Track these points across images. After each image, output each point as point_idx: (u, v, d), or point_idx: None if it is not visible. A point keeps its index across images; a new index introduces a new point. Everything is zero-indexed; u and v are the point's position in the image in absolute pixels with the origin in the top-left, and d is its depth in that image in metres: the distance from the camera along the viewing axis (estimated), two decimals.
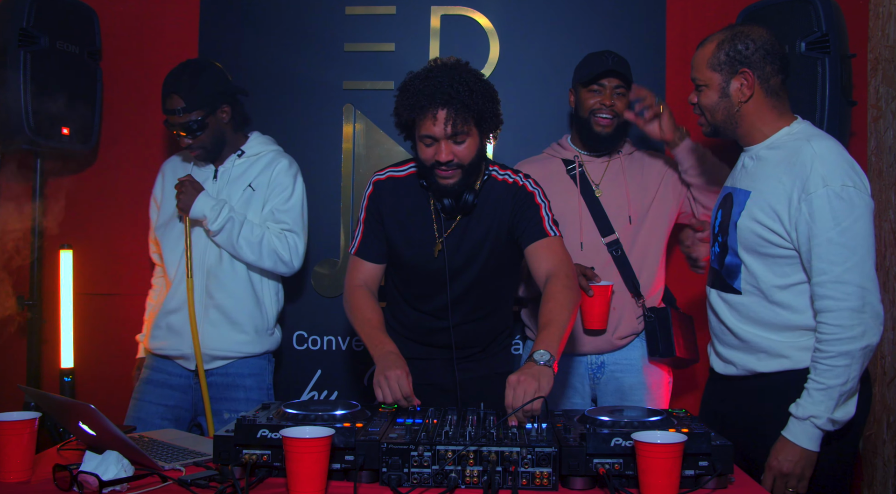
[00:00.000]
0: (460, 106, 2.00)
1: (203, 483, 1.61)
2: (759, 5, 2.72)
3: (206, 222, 2.54)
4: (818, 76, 2.55)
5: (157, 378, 2.65)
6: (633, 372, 2.57)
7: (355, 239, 2.28)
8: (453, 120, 2.00)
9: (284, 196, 2.64)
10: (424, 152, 2.08)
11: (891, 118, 2.87)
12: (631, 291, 2.55)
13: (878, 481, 2.91)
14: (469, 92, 2.01)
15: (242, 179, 2.64)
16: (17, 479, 1.65)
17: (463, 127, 2.02)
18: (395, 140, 3.11)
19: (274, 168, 2.65)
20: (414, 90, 2.03)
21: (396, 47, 3.12)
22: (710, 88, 2.00)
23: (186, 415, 2.66)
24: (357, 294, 2.23)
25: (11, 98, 2.76)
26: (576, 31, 3.05)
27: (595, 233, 2.56)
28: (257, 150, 2.70)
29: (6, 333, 3.20)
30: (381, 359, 2.04)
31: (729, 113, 2.00)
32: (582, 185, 2.59)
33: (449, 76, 2.01)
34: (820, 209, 1.82)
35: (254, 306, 2.65)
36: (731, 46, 1.96)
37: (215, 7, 3.17)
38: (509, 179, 2.21)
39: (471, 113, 2.02)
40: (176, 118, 2.52)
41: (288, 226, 2.62)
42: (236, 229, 2.54)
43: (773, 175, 1.93)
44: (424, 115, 2.02)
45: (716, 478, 1.58)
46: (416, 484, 1.58)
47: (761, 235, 1.93)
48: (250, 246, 2.55)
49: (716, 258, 2.10)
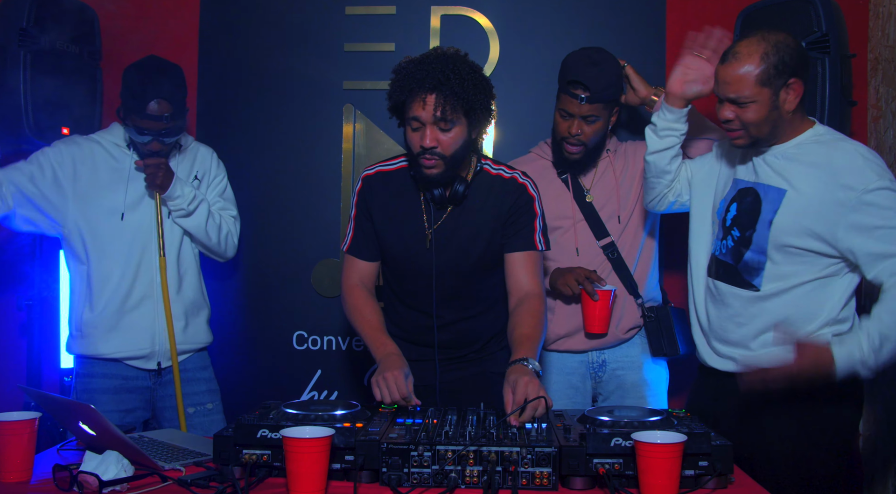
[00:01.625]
0: (450, 92, 1.98)
1: (203, 483, 1.61)
2: (759, 5, 2.72)
3: (180, 201, 2.53)
4: (818, 76, 2.54)
5: (112, 385, 2.56)
6: (634, 369, 2.57)
7: (347, 236, 2.27)
8: (442, 106, 1.98)
9: (224, 184, 2.75)
10: (412, 138, 2.08)
11: (891, 118, 2.87)
12: (629, 291, 2.55)
13: (877, 481, 2.91)
14: (460, 80, 1.99)
15: (187, 172, 2.66)
16: (17, 479, 1.65)
17: (451, 115, 2.00)
18: (395, 140, 3.11)
19: (210, 158, 2.73)
20: (406, 73, 2.03)
21: (396, 47, 3.11)
22: (759, 102, 1.94)
23: (143, 415, 2.63)
24: (354, 294, 2.22)
25: (11, 98, 2.75)
26: (576, 31, 3.05)
27: (590, 237, 2.55)
28: (188, 142, 2.73)
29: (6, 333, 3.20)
30: (382, 360, 2.04)
31: (777, 124, 1.99)
32: (574, 190, 2.58)
33: (442, 63, 2.00)
34: (874, 205, 1.87)
35: (201, 295, 2.71)
36: (777, 58, 1.92)
37: (215, 7, 3.17)
38: (505, 174, 2.18)
39: (460, 101, 1.99)
40: (160, 124, 2.45)
41: (233, 213, 2.74)
42: (205, 211, 2.59)
43: (813, 175, 1.95)
44: (414, 97, 2.01)
45: (716, 478, 1.58)
46: (416, 484, 1.58)
47: (806, 234, 1.94)
48: (214, 229, 2.62)
49: (729, 252, 2.08)
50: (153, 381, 2.62)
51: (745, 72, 1.93)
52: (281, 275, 3.14)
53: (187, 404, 2.62)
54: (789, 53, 1.93)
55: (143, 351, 2.57)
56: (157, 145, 2.50)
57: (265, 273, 3.13)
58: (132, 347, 2.56)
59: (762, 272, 2.01)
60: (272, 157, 3.13)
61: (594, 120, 2.44)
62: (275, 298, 3.12)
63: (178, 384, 2.57)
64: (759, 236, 2.01)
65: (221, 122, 3.18)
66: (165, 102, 2.45)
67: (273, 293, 3.12)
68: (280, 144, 3.12)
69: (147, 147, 2.50)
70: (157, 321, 2.57)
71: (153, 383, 2.62)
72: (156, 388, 2.63)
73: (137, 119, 2.46)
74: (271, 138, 3.12)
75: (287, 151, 3.12)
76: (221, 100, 3.18)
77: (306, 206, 3.13)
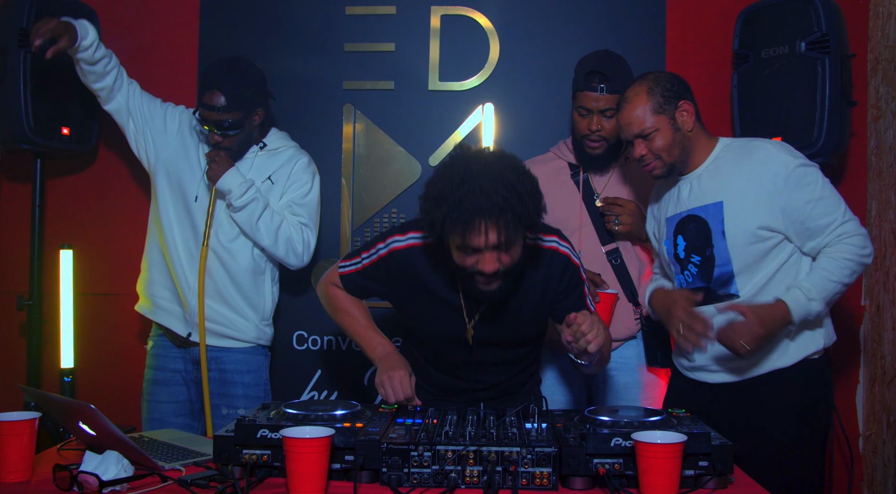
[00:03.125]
0: (511, 216, 1.72)
1: (203, 483, 1.60)
2: (759, 5, 2.72)
3: (230, 196, 2.54)
4: (818, 76, 2.55)
5: (161, 377, 2.66)
6: (627, 371, 2.57)
7: (349, 265, 2.12)
8: (505, 232, 1.74)
9: (303, 191, 2.68)
10: (462, 260, 1.81)
11: (891, 118, 2.87)
12: (629, 299, 2.55)
13: (878, 481, 2.91)
14: (518, 197, 1.72)
15: (262, 172, 2.65)
16: (17, 479, 1.65)
17: (514, 237, 1.77)
18: (395, 140, 3.11)
19: (295, 163, 2.69)
20: (455, 200, 1.71)
21: (396, 47, 3.11)
22: (661, 130, 2.15)
23: (196, 407, 2.68)
24: (337, 293, 2.17)
25: (11, 98, 2.76)
26: (576, 31, 3.05)
27: (595, 241, 2.55)
28: (277, 144, 2.71)
29: (6, 333, 3.20)
30: (383, 360, 2.04)
31: (683, 144, 2.17)
32: (584, 192, 2.58)
33: (492, 178, 1.71)
34: (800, 181, 2.04)
35: (255, 293, 2.68)
36: (660, 88, 2.15)
37: (215, 7, 3.17)
38: (543, 243, 1.99)
39: (522, 222, 1.75)
40: (213, 114, 2.50)
41: (304, 220, 2.67)
42: (258, 209, 2.56)
43: (738, 179, 2.10)
44: (472, 229, 1.73)
45: (716, 478, 1.58)
46: (416, 484, 1.58)
47: (758, 228, 2.06)
48: (268, 230, 2.58)
49: (696, 278, 2.17)
50: (194, 372, 2.65)
51: (640, 108, 2.15)
52: (281, 275, 3.13)
53: (223, 404, 2.62)
54: (668, 81, 2.17)
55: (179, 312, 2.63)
56: (215, 137, 2.54)
57: None
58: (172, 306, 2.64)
59: (734, 279, 2.11)
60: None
61: (612, 114, 2.46)
62: None
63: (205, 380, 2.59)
64: (718, 250, 2.12)
65: None
66: (221, 94, 2.49)
67: None
68: None
69: (209, 137, 2.56)
70: (193, 294, 2.61)
71: (196, 375, 2.65)
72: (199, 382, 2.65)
73: (200, 108, 2.55)
74: None
75: None
76: None
77: None
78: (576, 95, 2.51)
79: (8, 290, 3.12)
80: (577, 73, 2.51)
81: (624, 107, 2.18)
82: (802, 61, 2.57)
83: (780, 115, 2.61)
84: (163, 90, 2.97)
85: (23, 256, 3.02)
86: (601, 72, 2.44)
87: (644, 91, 2.15)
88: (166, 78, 3.16)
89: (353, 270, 2.11)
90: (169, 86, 3.15)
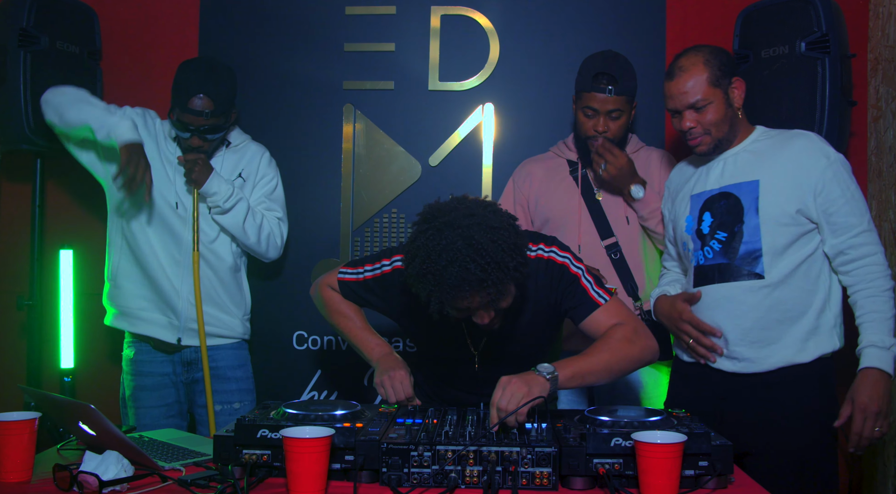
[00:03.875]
0: (494, 290, 1.71)
1: (203, 483, 1.60)
2: (759, 5, 2.72)
3: (216, 198, 2.54)
4: (818, 76, 2.54)
5: (149, 383, 2.66)
6: None
7: (351, 274, 2.10)
8: (489, 299, 1.74)
9: (272, 186, 2.75)
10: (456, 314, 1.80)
11: (891, 118, 2.87)
12: (629, 293, 2.55)
13: (878, 481, 2.91)
14: (498, 266, 1.69)
15: (231, 169, 2.67)
16: (17, 479, 1.65)
17: (501, 295, 1.75)
18: (395, 140, 3.11)
19: (260, 159, 2.73)
20: (436, 279, 1.69)
21: (396, 47, 3.11)
22: (714, 103, 2.12)
23: (185, 408, 2.71)
24: (333, 296, 2.16)
25: (11, 98, 2.75)
26: (576, 31, 3.05)
27: (594, 235, 2.55)
28: (238, 140, 2.73)
29: (6, 333, 3.20)
30: (381, 361, 2.04)
31: (732, 122, 2.16)
32: (583, 187, 2.59)
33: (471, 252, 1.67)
34: (839, 173, 2.05)
35: (237, 290, 2.72)
36: (717, 61, 2.12)
37: (215, 7, 3.17)
38: (532, 253, 1.96)
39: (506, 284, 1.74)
40: (200, 120, 2.49)
41: (279, 215, 2.75)
42: (244, 210, 2.60)
43: (778, 161, 2.10)
44: (456, 304, 1.74)
45: (716, 478, 1.58)
46: (416, 484, 1.58)
47: (793, 211, 2.06)
48: (253, 229, 2.63)
49: (718, 254, 2.14)
50: (185, 374, 2.65)
51: (696, 78, 2.11)
52: (281, 275, 3.14)
53: (216, 401, 2.64)
54: (725, 55, 2.15)
55: (163, 320, 2.61)
56: (198, 141, 2.53)
57: (265, 273, 3.13)
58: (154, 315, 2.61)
59: (761, 258, 2.08)
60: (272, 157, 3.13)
61: (619, 115, 2.50)
62: (275, 298, 3.12)
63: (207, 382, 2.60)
64: (748, 227, 2.10)
65: None
66: (208, 98, 2.48)
67: (273, 293, 3.12)
68: (280, 144, 3.11)
69: (187, 143, 2.54)
70: (182, 300, 2.60)
71: (185, 377, 2.65)
72: (188, 383, 2.66)
73: (181, 113, 2.51)
74: (271, 138, 3.10)
75: (287, 151, 3.12)
76: None
77: (306, 206, 3.12)
78: (581, 96, 2.51)
79: (8, 290, 3.12)
80: (584, 73, 2.51)
81: (679, 75, 2.12)
82: (802, 61, 2.57)
83: (780, 114, 2.61)
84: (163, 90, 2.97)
85: (23, 256, 3.02)
86: (609, 73, 2.45)
87: (701, 62, 2.11)
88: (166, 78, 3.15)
89: (354, 279, 2.11)
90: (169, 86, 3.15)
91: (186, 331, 2.63)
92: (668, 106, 2.18)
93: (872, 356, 1.98)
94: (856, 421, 1.98)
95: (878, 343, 1.98)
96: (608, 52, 2.56)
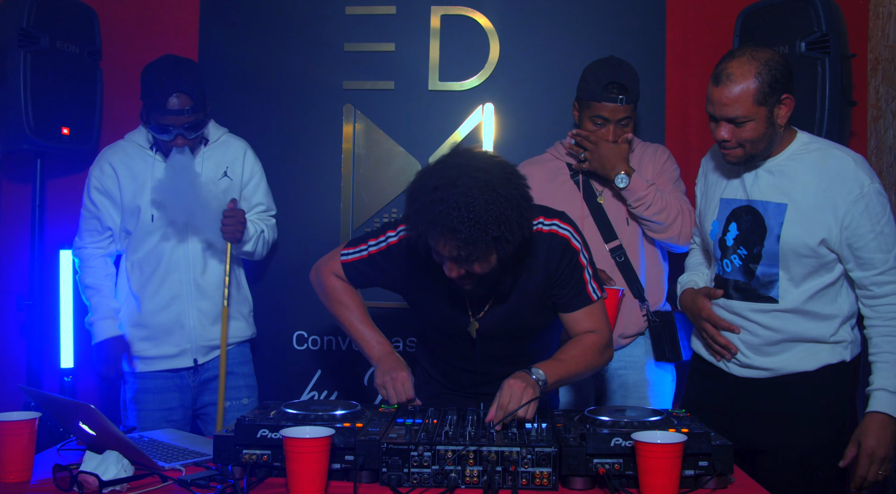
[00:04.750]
0: (466, 249, 1.70)
1: (203, 483, 1.60)
2: (759, 5, 2.72)
3: (244, 245, 2.63)
4: (818, 76, 2.54)
5: (153, 386, 2.63)
6: (636, 369, 2.57)
7: (354, 253, 2.07)
8: (459, 256, 1.73)
9: (265, 185, 2.79)
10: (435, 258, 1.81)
11: (891, 118, 2.87)
12: (636, 295, 2.55)
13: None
14: (479, 233, 1.66)
15: (214, 167, 2.66)
16: (17, 479, 1.65)
17: (480, 261, 1.75)
18: (396, 140, 3.11)
19: (244, 156, 2.73)
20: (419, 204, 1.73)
21: (396, 47, 3.11)
22: (756, 121, 1.95)
23: (188, 414, 2.68)
24: (335, 284, 2.11)
25: (11, 98, 2.76)
26: (576, 32, 3.05)
27: (598, 238, 2.54)
28: (217, 134, 2.72)
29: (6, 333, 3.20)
30: (383, 360, 2.03)
31: (772, 138, 2.01)
32: (585, 190, 2.58)
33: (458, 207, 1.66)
34: (871, 206, 1.95)
35: (236, 291, 2.72)
36: (770, 77, 1.93)
37: (215, 7, 3.17)
38: (544, 227, 1.94)
39: (485, 252, 1.72)
40: (182, 118, 2.48)
41: (272, 210, 2.81)
42: (262, 239, 2.71)
43: (810, 185, 1.99)
44: (435, 240, 1.74)
45: (716, 478, 1.58)
46: (416, 484, 1.58)
47: (817, 243, 1.98)
48: (266, 245, 2.74)
49: (737, 271, 2.12)
50: (192, 379, 2.66)
51: (742, 92, 1.93)
52: (281, 275, 3.13)
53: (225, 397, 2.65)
54: (780, 70, 1.95)
55: (175, 350, 2.61)
56: (183, 141, 2.52)
57: (265, 273, 3.13)
58: (160, 350, 2.61)
59: (777, 284, 2.05)
60: (272, 157, 3.13)
61: (627, 123, 2.51)
62: (275, 298, 3.12)
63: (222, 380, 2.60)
64: (768, 251, 2.04)
65: (221, 122, 3.16)
66: (185, 95, 2.47)
67: (273, 293, 3.12)
68: (280, 145, 3.12)
69: (172, 144, 2.52)
70: (189, 319, 2.61)
71: (192, 381, 2.66)
72: (195, 386, 2.67)
73: (160, 117, 2.48)
74: (271, 138, 3.11)
75: (287, 152, 3.12)
76: (221, 100, 3.18)
77: (306, 206, 3.13)
78: (590, 105, 2.49)
79: (8, 290, 3.12)
80: (591, 82, 2.50)
81: (725, 84, 1.94)
82: (802, 61, 2.57)
83: None
84: None
85: (23, 256, 3.02)
86: (620, 83, 2.45)
87: (753, 73, 1.92)
88: None
89: (358, 257, 2.07)
90: None
91: (199, 349, 2.64)
92: (707, 109, 2.04)
93: (882, 400, 1.95)
94: (861, 465, 1.96)
95: (890, 388, 1.95)
96: (612, 59, 2.55)
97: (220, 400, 2.60)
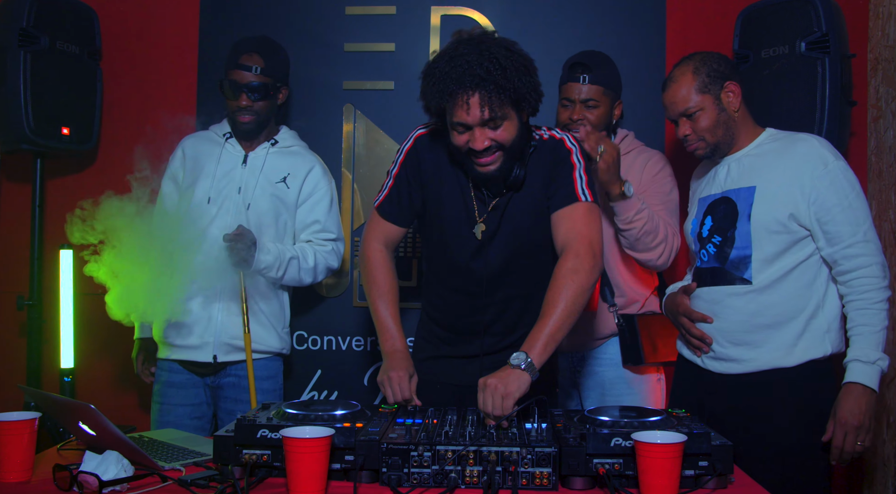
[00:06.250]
0: (494, 88, 1.81)
1: (203, 483, 1.61)
2: (759, 5, 2.72)
3: (267, 271, 2.49)
4: (818, 76, 2.55)
5: (178, 380, 2.60)
6: (612, 366, 2.57)
7: (381, 193, 2.13)
8: (489, 105, 1.82)
9: (327, 204, 2.65)
10: (457, 139, 1.92)
11: (891, 118, 2.87)
12: (604, 299, 2.51)
13: (878, 481, 2.91)
14: (502, 70, 1.80)
15: (275, 171, 2.61)
16: (17, 479, 1.65)
17: (500, 111, 1.85)
18: (396, 140, 3.11)
19: (310, 169, 2.64)
20: (441, 74, 1.83)
21: (396, 47, 3.12)
22: (706, 109, 2.15)
23: (209, 411, 2.65)
24: (376, 257, 2.12)
25: (11, 98, 2.76)
26: (575, 32, 3.05)
27: None
28: (289, 142, 2.69)
29: (6, 333, 3.20)
30: (388, 357, 2.04)
31: (728, 125, 2.18)
32: None
33: (478, 53, 1.81)
34: (836, 180, 2.03)
35: (275, 301, 2.65)
36: (707, 68, 2.14)
37: (215, 7, 3.17)
38: (547, 135, 2.07)
39: (507, 95, 1.83)
40: (248, 75, 2.50)
41: (335, 235, 2.67)
42: (295, 266, 2.54)
43: (777, 167, 2.10)
44: (455, 101, 1.84)
45: (716, 478, 1.58)
46: (416, 484, 1.58)
47: (785, 217, 2.05)
48: (308, 273, 2.59)
49: (712, 258, 2.18)
50: (212, 378, 2.61)
51: (683, 87, 2.15)
52: None
53: (240, 411, 2.56)
54: (715, 61, 2.16)
55: (196, 341, 2.55)
56: (246, 100, 2.52)
57: None
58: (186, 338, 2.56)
59: (750, 265, 2.10)
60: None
61: (594, 105, 2.48)
62: None
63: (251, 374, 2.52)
64: (740, 232, 2.11)
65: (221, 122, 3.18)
66: (258, 55, 2.52)
67: None
68: None
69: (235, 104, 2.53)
70: (217, 313, 2.55)
71: (212, 380, 2.61)
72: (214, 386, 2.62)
73: (231, 72, 2.53)
74: None
75: None
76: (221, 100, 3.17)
77: None
78: (560, 90, 2.54)
79: (8, 290, 3.12)
80: (563, 69, 2.55)
81: (669, 86, 2.18)
82: (802, 61, 2.57)
83: (781, 114, 2.61)
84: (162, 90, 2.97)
85: (23, 256, 3.02)
86: (584, 63, 2.48)
87: (690, 70, 2.15)
88: (166, 78, 3.17)
89: (386, 193, 2.13)
90: (169, 86, 3.16)
91: (221, 346, 2.55)
92: (666, 115, 2.23)
93: (856, 370, 1.99)
94: (836, 436, 1.99)
95: (863, 358, 1.99)
96: (589, 50, 2.57)
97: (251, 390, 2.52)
